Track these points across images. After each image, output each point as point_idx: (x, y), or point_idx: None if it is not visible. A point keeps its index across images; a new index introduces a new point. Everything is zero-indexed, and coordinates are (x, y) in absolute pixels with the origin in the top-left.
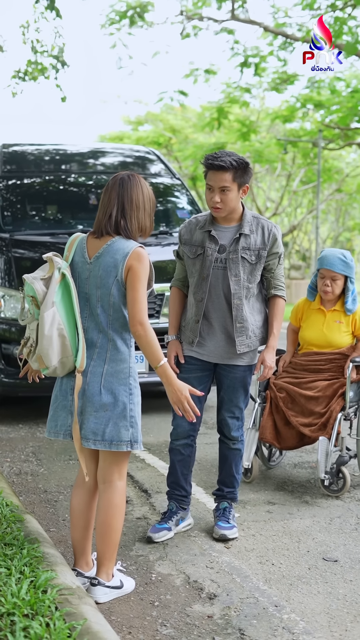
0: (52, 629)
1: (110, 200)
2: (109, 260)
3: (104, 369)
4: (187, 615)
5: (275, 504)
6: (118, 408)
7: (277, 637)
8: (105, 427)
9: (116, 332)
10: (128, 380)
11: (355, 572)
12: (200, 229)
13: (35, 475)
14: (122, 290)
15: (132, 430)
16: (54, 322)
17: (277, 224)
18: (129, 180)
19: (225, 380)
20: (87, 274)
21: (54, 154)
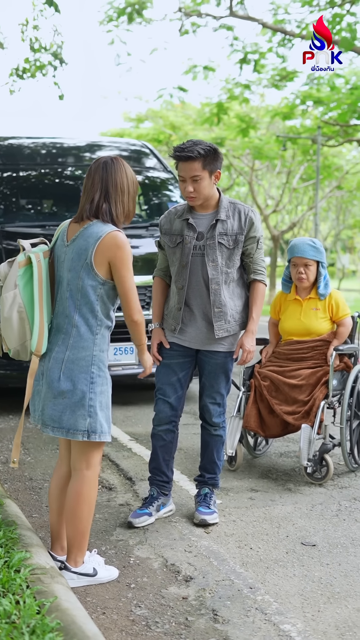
0: (22, 606)
1: (94, 185)
2: (82, 243)
3: (65, 355)
4: (162, 597)
5: (258, 491)
6: (76, 396)
7: (250, 617)
8: (62, 414)
9: (82, 318)
10: (90, 369)
11: (332, 556)
12: (179, 218)
13: (22, 464)
14: (91, 275)
15: (90, 420)
16: (14, 303)
17: (254, 209)
18: (113, 164)
19: (206, 366)
20: (63, 257)
21: (49, 147)
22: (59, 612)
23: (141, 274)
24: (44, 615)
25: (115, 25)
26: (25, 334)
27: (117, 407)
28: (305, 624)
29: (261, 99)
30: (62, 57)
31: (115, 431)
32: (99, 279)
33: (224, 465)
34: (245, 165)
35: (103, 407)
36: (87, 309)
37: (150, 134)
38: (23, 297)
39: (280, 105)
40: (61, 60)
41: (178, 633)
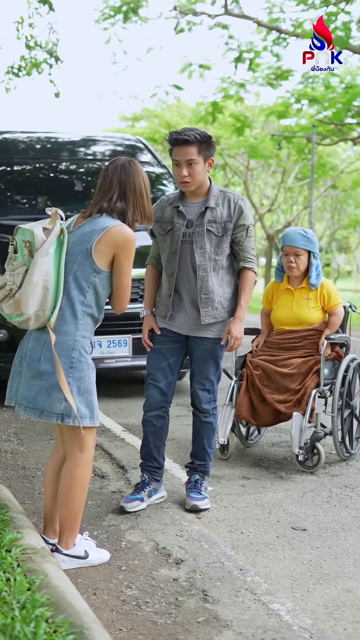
0: (12, 583)
1: (112, 187)
2: (86, 230)
3: (48, 337)
4: (152, 579)
5: (250, 478)
6: (53, 379)
7: (240, 597)
8: (37, 395)
9: (69, 302)
10: (71, 353)
11: (322, 539)
12: (170, 206)
13: (15, 454)
14: (88, 261)
15: (66, 404)
16: (42, 271)
17: (244, 197)
18: (130, 167)
19: (196, 352)
20: (68, 242)
21: (44, 141)
22: (49, 589)
23: (135, 267)
24: (34, 591)
25: (111, 23)
26: (44, 304)
27: (110, 399)
28: (295, 603)
29: (256, 98)
30: (58, 55)
31: (109, 422)
32: (95, 267)
33: (216, 454)
34: (240, 165)
35: (82, 392)
36: (76, 294)
37: (146, 133)
38: (51, 267)
39: (275, 104)
40: (57, 58)
41: (168, 612)
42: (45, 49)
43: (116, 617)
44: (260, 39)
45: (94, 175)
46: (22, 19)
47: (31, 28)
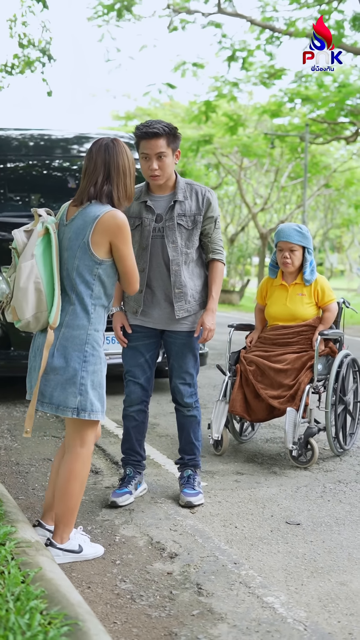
0: (6, 575)
1: (96, 168)
2: (80, 223)
3: (60, 332)
4: (147, 572)
5: (244, 474)
6: (68, 373)
7: (234, 590)
8: (54, 390)
9: (78, 297)
10: (84, 347)
11: (316, 534)
12: (137, 201)
13: (9, 450)
14: (87, 254)
15: (81, 398)
16: (31, 274)
17: (210, 189)
18: (114, 146)
19: (173, 347)
20: (61, 236)
21: (38, 139)
22: (44, 582)
23: None
24: (28, 584)
25: (105, 20)
26: (40, 306)
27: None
28: (289, 596)
29: (249, 97)
30: (51, 53)
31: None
32: (96, 259)
33: (210, 450)
34: (233, 164)
35: (95, 386)
36: (83, 288)
37: None
38: (40, 268)
39: (268, 103)
40: (49, 56)
41: (162, 605)
42: (38, 47)
43: (110, 611)
44: (254, 38)
45: None
46: (15, 17)
47: (24, 26)
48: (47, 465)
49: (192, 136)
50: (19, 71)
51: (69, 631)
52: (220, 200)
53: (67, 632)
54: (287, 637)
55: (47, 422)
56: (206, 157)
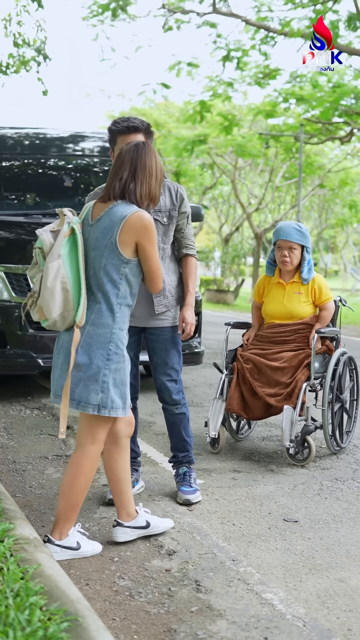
0: (6, 572)
1: (123, 164)
2: (107, 223)
3: (86, 329)
4: (145, 569)
5: (241, 472)
6: (91, 370)
7: (232, 587)
8: (76, 386)
9: (104, 296)
10: (108, 346)
11: (314, 531)
12: None
13: (5, 448)
14: (115, 254)
15: (102, 395)
16: (57, 274)
17: (180, 185)
18: (144, 147)
19: (156, 344)
20: (87, 235)
21: (33, 137)
22: (43, 578)
23: None
24: (27, 580)
25: (99, 20)
26: (67, 305)
27: None
28: (287, 593)
29: (244, 97)
30: (46, 52)
31: None
32: (123, 258)
33: (207, 448)
34: (228, 164)
35: (117, 384)
36: (109, 287)
37: None
38: (67, 267)
39: (263, 103)
40: (45, 55)
41: (161, 602)
42: (33, 46)
43: (109, 607)
44: (249, 38)
45: (83, 171)
46: (10, 16)
47: (19, 25)
48: (43, 463)
49: (186, 136)
50: (14, 70)
51: (69, 627)
52: (215, 200)
53: (67, 628)
54: (287, 633)
55: (44, 420)
56: (201, 157)
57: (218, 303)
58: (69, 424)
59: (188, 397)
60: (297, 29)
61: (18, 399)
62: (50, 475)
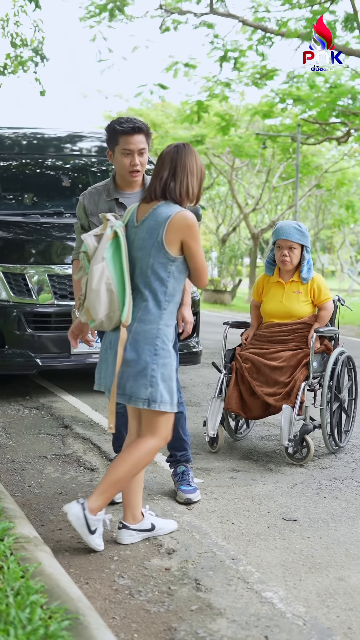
0: (6, 570)
1: (163, 165)
2: (152, 223)
3: (133, 327)
4: (144, 568)
5: (240, 471)
6: (139, 366)
7: (232, 586)
8: (126, 382)
9: (151, 294)
10: (155, 341)
11: (313, 530)
12: (108, 198)
13: (4, 447)
14: (162, 253)
15: (151, 390)
16: (102, 276)
17: None
18: (184, 148)
19: None
20: (133, 237)
21: (30, 137)
22: (43, 577)
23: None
24: (28, 579)
25: (97, 21)
26: (112, 306)
27: (98, 394)
28: (287, 591)
29: (241, 98)
30: (44, 53)
31: (97, 417)
32: (170, 257)
33: (205, 447)
34: (225, 164)
35: (165, 379)
36: (157, 285)
37: None
38: (111, 269)
39: (260, 104)
40: (42, 56)
41: (161, 601)
42: (30, 47)
43: (109, 606)
44: (246, 38)
45: (80, 171)
46: (7, 17)
47: (17, 26)
48: (42, 462)
49: (184, 136)
50: (11, 71)
51: (70, 625)
52: (212, 201)
53: (68, 627)
54: (287, 632)
55: (42, 420)
56: None
57: (215, 303)
58: (68, 423)
59: (186, 397)
60: (294, 29)
61: (16, 398)
62: (49, 474)
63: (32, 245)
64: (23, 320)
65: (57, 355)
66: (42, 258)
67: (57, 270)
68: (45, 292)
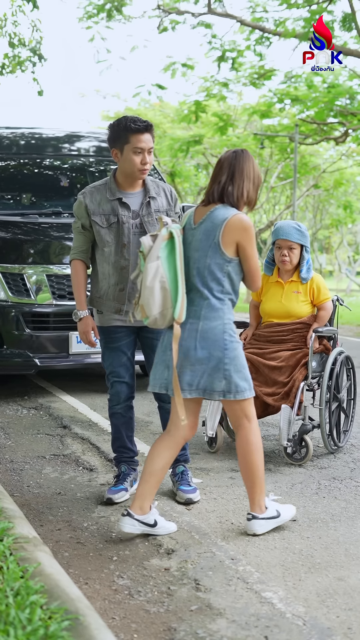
0: (5, 571)
1: (222, 169)
2: (209, 225)
3: (199, 326)
4: (144, 568)
5: (238, 471)
6: (212, 362)
7: (232, 586)
8: (201, 379)
9: (210, 292)
10: (223, 336)
11: (312, 530)
12: (111, 197)
13: (2, 448)
14: (218, 253)
15: (226, 382)
16: (156, 274)
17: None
18: (242, 154)
19: (155, 342)
20: (190, 238)
21: (29, 137)
22: (43, 577)
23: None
24: (27, 579)
25: (94, 21)
26: (166, 303)
27: (97, 394)
28: (287, 591)
29: (239, 98)
30: (41, 53)
31: (96, 416)
32: (226, 257)
33: (204, 447)
34: None
35: (238, 369)
36: (214, 285)
37: None
38: (165, 268)
39: (258, 104)
40: (40, 56)
41: (161, 601)
42: (28, 46)
43: (109, 606)
44: (243, 38)
45: (79, 170)
46: (5, 17)
47: (14, 26)
48: (41, 462)
49: (181, 136)
50: (9, 71)
51: (70, 625)
52: None
53: (68, 627)
54: (287, 632)
55: (41, 420)
56: (196, 158)
57: None
58: (67, 424)
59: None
60: (292, 29)
61: (15, 398)
62: (47, 474)
63: (31, 245)
64: (21, 320)
65: (55, 355)
66: (40, 258)
67: (55, 270)
68: (43, 292)
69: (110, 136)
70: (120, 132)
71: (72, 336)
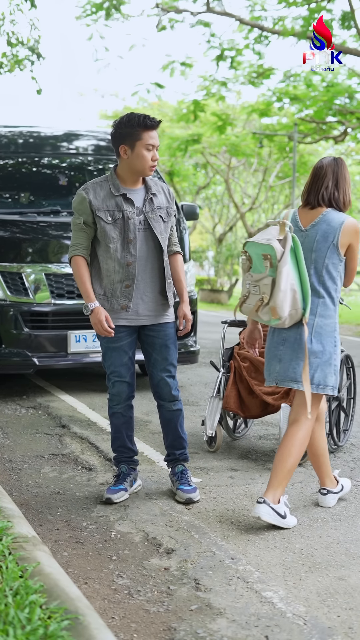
0: (4, 570)
1: (327, 175)
2: (326, 228)
3: (314, 321)
4: (143, 568)
5: (238, 470)
6: (325, 356)
7: (232, 585)
8: (314, 372)
9: (326, 291)
10: (334, 334)
11: (312, 529)
12: (116, 192)
13: (1, 447)
14: (335, 254)
15: (335, 377)
16: (288, 277)
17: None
18: (341, 161)
19: (157, 340)
20: (302, 239)
21: (27, 136)
22: (42, 576)
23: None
24: (26, 578)
25: (93, 20)
26: (295, 304)
27: (95, 394)
28: (287, 591)
29: (238, 97)
30: (40, 51)
31: (95, 416)
32: (341, 257)
33: (204, 447)
34: (221, 163)
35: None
36: (330, 283)
37: None
38: (294, 271)
39: (256, 103)
40: (38, 55)
41: (160, 601)
42: (27, 45)
43: (108, 606)
44: (242, 37)
45: (77, 169)
46: (3, 15)
47: (13, 25)
48: (40, 462)
49: (180, 135)
50: (7, 69)
51: (69, 625)
52: (208, 200)
53: (68, 626)
54: (287, 631)
55: (39, 419)
56: (194, 157)
57: (212, 303)
58: (65, 423)
59: (184, 396)
60: (290, 28)
61: (13, 398)
62: (46, 474)
63: (29, 244)
64: (20, 320)
65: (54, 354)
66: (39, 257)
67: (54, 269)
68: (42, 291)
69: (117, 133)
70: (132, 128)
71: (70, 335)
